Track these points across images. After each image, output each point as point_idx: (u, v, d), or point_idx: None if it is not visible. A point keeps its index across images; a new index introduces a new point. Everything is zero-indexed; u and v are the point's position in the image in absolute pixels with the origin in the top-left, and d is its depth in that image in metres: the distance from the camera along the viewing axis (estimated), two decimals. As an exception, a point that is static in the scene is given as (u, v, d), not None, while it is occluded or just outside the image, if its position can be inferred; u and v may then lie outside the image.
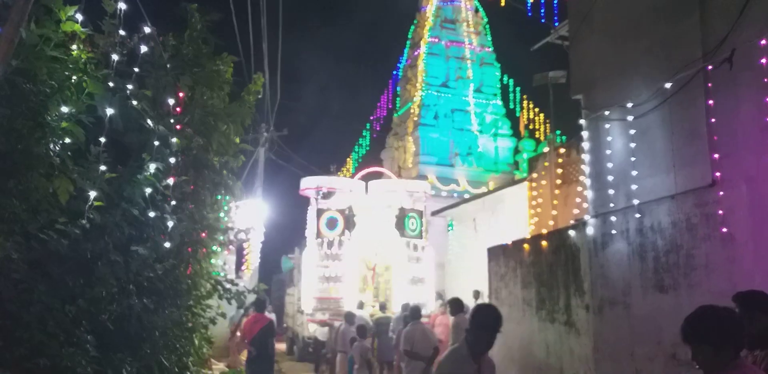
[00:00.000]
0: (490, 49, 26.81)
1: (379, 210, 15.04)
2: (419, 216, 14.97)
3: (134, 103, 3.54)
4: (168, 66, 4.16)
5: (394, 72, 28.50)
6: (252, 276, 17.48)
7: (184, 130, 4.30)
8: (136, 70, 3.61)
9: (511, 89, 26.57)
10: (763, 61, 5.16)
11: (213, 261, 9.95)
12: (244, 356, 13.10)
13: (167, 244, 4.04)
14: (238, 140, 6.10)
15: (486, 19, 27.34)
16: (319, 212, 14.57)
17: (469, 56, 26.20)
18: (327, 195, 14.99)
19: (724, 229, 5.48)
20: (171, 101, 4.15)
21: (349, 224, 14.30)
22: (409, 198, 15.29)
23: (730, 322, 2.50)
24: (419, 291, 14.60)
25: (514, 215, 13.15)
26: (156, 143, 3.61)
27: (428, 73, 25.42)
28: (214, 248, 8.75)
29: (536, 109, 26.08)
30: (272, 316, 19.31)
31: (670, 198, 6.21)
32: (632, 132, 6.73)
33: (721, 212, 5.53)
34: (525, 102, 25.99)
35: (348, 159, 29.79)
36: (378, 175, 17.26)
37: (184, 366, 4.88)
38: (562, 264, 7.76)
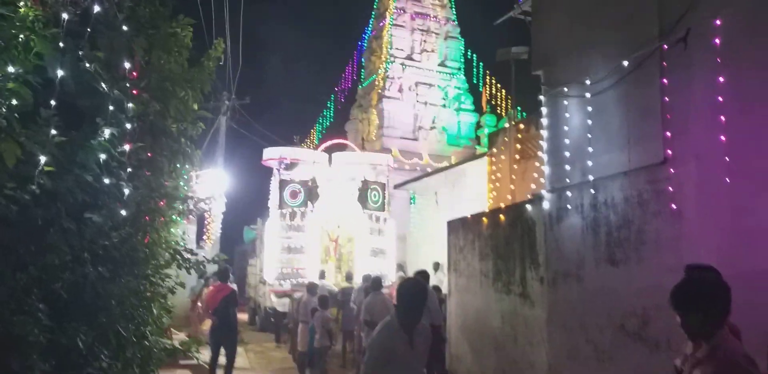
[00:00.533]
0: (455, 23, 26.70)
1: (342, 182, 15.06)
2: (381, 189, 15.03)
3: (87, 65, 3.41)
4: (123, 27, 4.01)
5: (360, 43, 28.19)
6: (213, 246, 17.37)
7: (140, 95, 4.18)
8: (89, 30, 3.46)
9: (474, 64, 26.65)
10: (717, 40, 5.26)
11: (173, 230, 9.86)
12: (205, 326, 13.10)
13: (123, 212, 3.96)
14: (196, 107, 5.96)
15: (452, -8, 27.16)
16: (282, 183, 14.50)
17: (434, 29, 26.04)
18: (290, 167, 14.91)
19: (674, 206, 5.64)
20: (127, 65, 4.02)
21: (312, 196, 14.29)
22: (372, 170, 15.32)
23: (720, 289, 2.49)
24: (381, 262, 14.77)
25: (474, 189, 13.29)
26: (111, 108, 3.50)
27: (393, 45, 25.22)
28: (174, 217, 8.65)
29: (498, 85, 26.22)
30: (234, 287, 19.40)
31: (623, 174, 6.33)
32: (590, 109, 6.81)
33: (671, 189, 5.68)
34: (488, 77, 26.12)
35: (312, 130, 29.57)
36: (342, 147, 17.22)
37: (142, 335, 4.85)
38: (519, 238, 7.89)
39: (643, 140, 6.22)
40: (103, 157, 3.40)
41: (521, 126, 10.14)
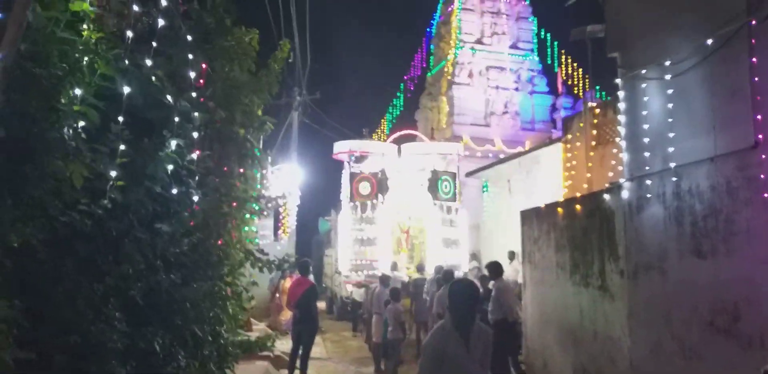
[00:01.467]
0: (526, 3, 25.89)
1: (412, 173, 15.05)
2: (452, 179, 14.91)
3: (153, 78, 3.52)
4: (188, 38, 4.11)
5: (428, 29, 27.89)
6: (290, 238, 17.84)
7: (206, 103, 4.28)
8: (154, 44, 3.56)
9: (548, 44, 25.82)
10: (814, 14, 4.81)
11: (246, 228, 10.15)
12: (284, 316, 13.55)
13: (193, 219, 4.08)
14: (260, 112, 6.08)
15: (522, -29, 26.30)
16: (352, 176, 14.64)
17: (505, 11, 25.37)
18: (360, 159, 15.02)
19: (766, 194, 5.25)
20: (192, 74, 4.11)
21: (382, 188, 14.35)
22: (442, 160, 15.21)
23: None
24: (453, 253, 14.71)
25: (549, 176, 12.95)
26: (177, 119, 3.60)
27: (462, 30, 24.78)
28: (247, 216, 8.88)
29: (575, 65, 25.32)
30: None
31: (709, 160, 5.96)
32: (670, 92, 6.44)
33: (763, 176, 5.29)
34: (563, 57, 25.26)
35: (383, 121, 29.66)
36: (411, 138, 17.16)
37: (217, 334, 5.01)
38: (597, 229, 7.62)
39: (731, 124, 5.82)
40: (170, 167, 3.50)
41: (597, 110, 9.75)
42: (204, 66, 4.63)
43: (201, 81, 4.57)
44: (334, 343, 13.48)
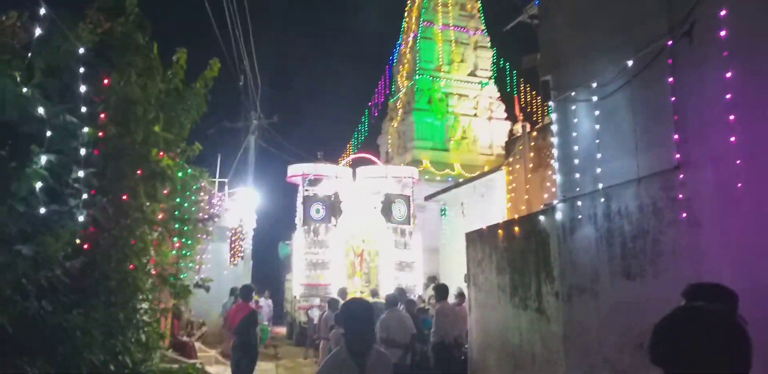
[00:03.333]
0: (484, 32, 26.31)
1: (365, 196, 14.90)
2: (406, 202, 14.76)
3: (24, 90, 3.25)
4: (81, 51, 3.86)
5: (390, 57, 28.11)
6: (245, 263, 17.40)
7: (96, 118, 4.01)
8: (29, 55, 3.31)
9: (507, 72, 26.16)
10: (723, 33, 4.79)
11: (186, 252, 9.74)
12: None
13: (84, 240, 3.78)
14: (186, 133, 5.84)
15: (479, 2, 26.80)
16: (306, 199, 14.40)
17: (463, 40, 25.74)
18: (314, 182, 14.81)
19: (684, 215, 5.16)
20: (83, 88, 3.86)
21: (335, 211, 14.11)
22: (397, 184, 15.07)
23: (732, 336, 1.52)
24: (408, 276, 14.45)
25: (500, 200, 12.92)
26: (49, 133, 3.33)
27: (422, 58, 25.01)
28: (188, 241, 8.51)
29: (533, 92, 25.66)
30: (269, 303, 19.38)
31: (635, 181, 5.88)
32: (597, 113, 6.40)
33: (681, 196, 5.20)
34: (521, 85, 25.59)
35: (347, 145, 29.59)
36: (368, 162, 17.01)
37: (122, 364, 4.64)
38: (533, 250, 7.49)
39: (655, 144, 5.76)
40: (39, 185, 3.21)
41: (534, 133, 9.75)
42: (106, 81, 4.37)
43: (102, 96, 4.30)
44: (287, 370, 13.04)
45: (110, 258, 4.52)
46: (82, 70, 3.87)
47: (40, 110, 3.34)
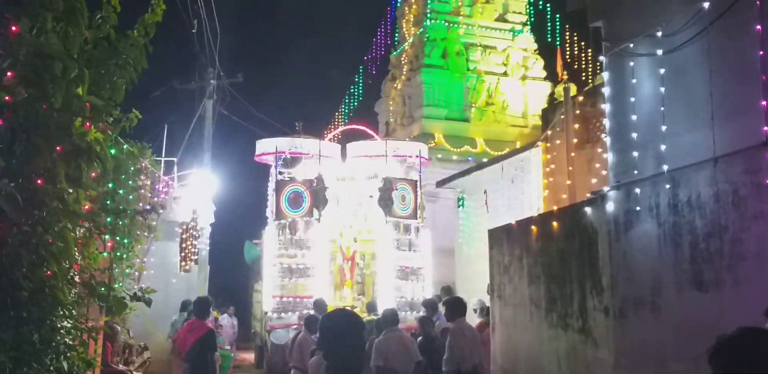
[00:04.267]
0: (517, -36, 26.15)
1: (359, 182, 14.93)
2: (412, 190, 14.77)
3: None
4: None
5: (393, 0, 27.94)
6: (201, 269, 17.50)
7: (0, 78, 4.05)
8: None
9: (548, 17, 26.04)
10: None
11: (124, 254, 9.82)
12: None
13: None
14: (121, 97, 5.90)
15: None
16: (280, 185, 14.42)
17: (489, -28, 25.59)
18: (291, 163, 14.83)
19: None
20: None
21: (319, 200, 14.14)
22: (399, 165, 15.10)
23: None
24: (414, 287, 14.54)
25: (535, 186, 12.95)
26: None
27: (434, -2, 24.88)
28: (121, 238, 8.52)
29: (581, 44, 25.52)
30: (232, 321, 19.50)
31: (711, 162, 5.94)
32: (662, 71, 6.45)
33: (774, 181, 5.28)
34: (565, 34, 25.47)
35: (337, 114, 29.55)
36: (363, 136, 17.00)
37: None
38: (577, 252, 7.61)
39: (736, 113, 5.83)
40: None
41: (581, 98, 9.81)
42: (14, 28, 4.41)
43: (8, 49, 4.34)
44: (254, 408, 13.23)
45: (20, 262, 4.58)
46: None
47: None
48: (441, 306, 14.76)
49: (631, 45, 6.90)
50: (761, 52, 5.40)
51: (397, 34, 27.41)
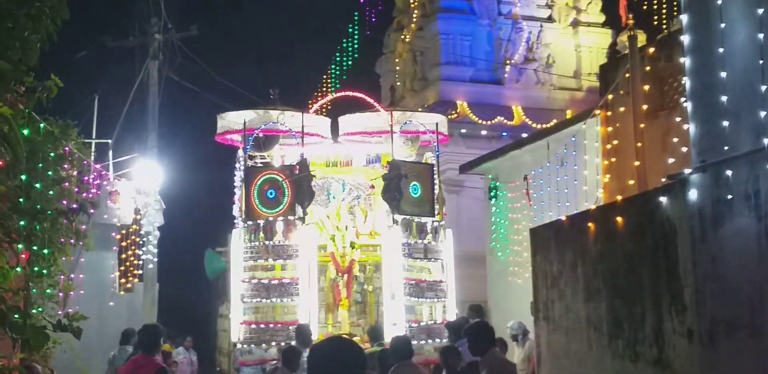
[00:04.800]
0: None
1: (356, 166, 14.90)
2: (427, 175, 14.77)
3: None
4: None
5: None
6: (147, 287, 17.54)
7: None
8: None
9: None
10: None
11: (43, 269, 9.88)
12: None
13: None
14: (35, 59, 5.97)
15: None
16: (250, 174, 14.43)
17: None
18: (264, 144, 14.84)
19: None
20: None
21: (303, 193, 14.15)
22: (410, 144, 15.11)
23: None
24: (432, 306, 14.60)
25: (592, 169, 12.94)
26: None
27: None
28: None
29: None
30: (190, 357, 19.53)
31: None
32: (760, 12, 6.42)
33: None
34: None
35: (325, 77, 29.45)
36: (360, 105, 17.00)
37: None
38: (649, 258, 7.67)
39: None
40: None
41: (651, 50, 9.79)
42: None
43: None
44: None
45: None
46: None
47: None
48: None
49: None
50: None
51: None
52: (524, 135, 20.06)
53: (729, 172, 6.73)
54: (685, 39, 7.38)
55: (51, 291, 10.96)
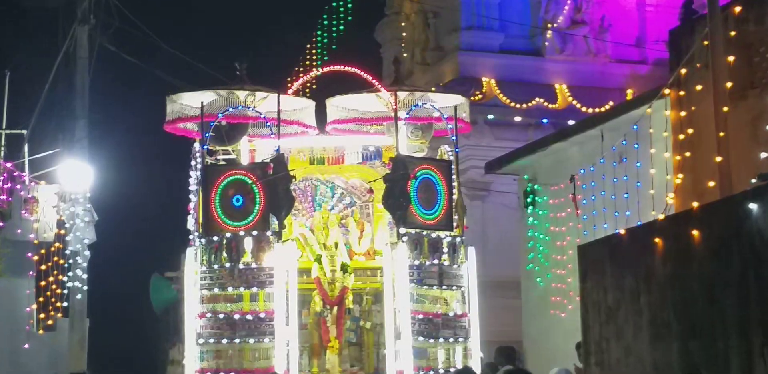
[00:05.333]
0: None
1: (349, 164, 14.89)
2: (444, 178, 14.79)
3: None
4: None
5: None
6: (75, 325, 17.51)
7: None
8: None
9: None
10: None
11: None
12: None
13: None
14: None
15: None
16: (210, 174, 14.47)
17: None
18: (229, 134, 14.84)
19: None
20: None
21: (279, 200, 14.17)
22: (419, 133, 15.10)
23: None
24: (450, 349, 14.60)
25: (659, 166, 12.87)
26: None
27: None
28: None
29: None
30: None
31: None
32: None
33: None
34: None
35: (309, 47, 29.49)
36: (354, 83, 17.03)
37: None
38: (735, 281, 7.68)
39: None
40: None
41: (737, 9, 9.78)
42: None
43: None
44: None
45: None
46: None
47: None
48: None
49: None
50: None
51: None
52: (570, 122, 20.04)
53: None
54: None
55: None
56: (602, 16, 24.50)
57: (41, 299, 16.02)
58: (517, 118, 21.89)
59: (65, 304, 16.83)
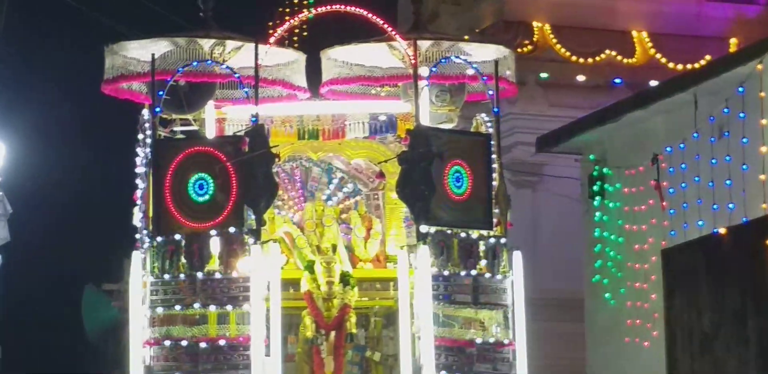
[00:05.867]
0: None
1: (351, 140, 14.93)
2: (480, 157, 14.80)
3: None
4: None
5: None
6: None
7: None
8: None
9: None
10: None
11: None
12: None
13: None
14: None
15: None
16: (164, 151, 14.48)
17: None
18: (189, 99, 14.86)
19: None
20: None
21: (256, 187, 14.18)
22: (447, 99, 15.11)
23: None
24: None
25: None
26: None
27: None
28: None
29: None
30: None
31: None
32: None
33: None
34: None
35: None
36: (360, 29, 17.06)
37: None
38: None
39: None
40: None
41: None
42: None
43: None
44: None
45: None
46: None
47: None
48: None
49: None
50: None
51: None
52: (653, 83, 20.06)
53: None
54: None
55: None
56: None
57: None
58: (581, 77, 21.84)
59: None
